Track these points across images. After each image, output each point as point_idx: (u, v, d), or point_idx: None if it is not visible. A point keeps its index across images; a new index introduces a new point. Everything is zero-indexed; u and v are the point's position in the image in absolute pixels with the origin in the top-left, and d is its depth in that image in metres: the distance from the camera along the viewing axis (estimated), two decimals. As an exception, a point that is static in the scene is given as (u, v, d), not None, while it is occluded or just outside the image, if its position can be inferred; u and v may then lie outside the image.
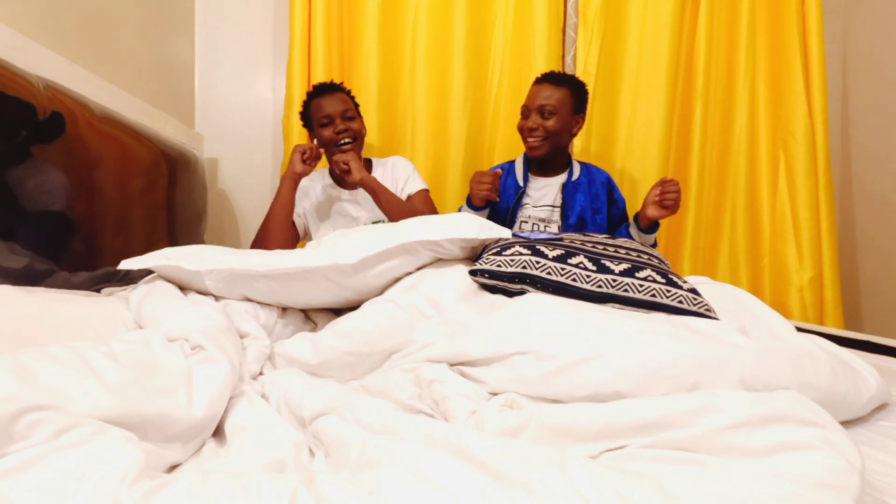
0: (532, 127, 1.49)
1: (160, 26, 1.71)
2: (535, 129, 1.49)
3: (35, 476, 0.40)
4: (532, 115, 1.50)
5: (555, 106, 1.48)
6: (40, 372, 0.49)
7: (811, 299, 1.90)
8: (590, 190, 1.59)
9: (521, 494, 0.40)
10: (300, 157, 1.38)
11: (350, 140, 1.48)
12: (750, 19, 1.95)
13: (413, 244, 0.90)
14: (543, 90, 1.49)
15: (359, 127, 1.51)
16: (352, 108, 1.52)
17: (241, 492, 0.41)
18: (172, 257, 0.91)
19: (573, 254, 0.86)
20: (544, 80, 1.52)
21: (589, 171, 1.63)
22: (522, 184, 1.59)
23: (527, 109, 1.53)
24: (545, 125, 1.49)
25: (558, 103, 1.48)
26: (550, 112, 1.48)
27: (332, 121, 1.48)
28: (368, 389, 0.74)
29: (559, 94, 1.49)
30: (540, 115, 1.49)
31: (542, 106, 1.48)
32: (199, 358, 0.67)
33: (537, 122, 1.49)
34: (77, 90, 1.12)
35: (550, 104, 1.48)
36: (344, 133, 1.47)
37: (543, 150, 1.52)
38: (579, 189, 1.57)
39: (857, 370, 0.70)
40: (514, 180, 1.61)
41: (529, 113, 1.51)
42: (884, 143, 2.03)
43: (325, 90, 1.52)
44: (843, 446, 0.44)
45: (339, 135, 1.47)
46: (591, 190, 1.59)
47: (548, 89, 1.49)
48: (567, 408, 0.57)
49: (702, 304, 0.80)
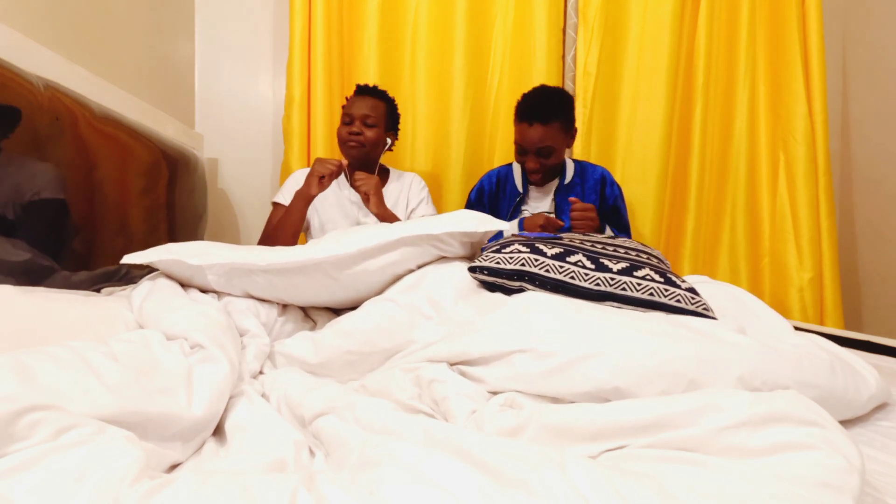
0: (533, 168, 1.51)
1: (160, 26, 1.71)
2: (537, 170, 1.51)
3: (35, 476, 0.39)
4: (530, 156, 1.50)
5: (551, 146, 1.48)
6: (40, 372, 0.49)
7: (811, 299, 1.90)
8: (583, 190, 1.59)
9: (521, 494, 0.40)
10: (318, 179, 1.33)
11: (357, 143, 1.48)
12: (750, 19, 1.95)
13: (412, 238, 0.90)
14: (535, 132, 1.46)
15: (374, 136, 1.50)
16: (376, 116, 1.50)
17: (241, 492, 0.41)
18: (175, 252, 0.92)
19: (572, 252, 0.86)
20: (533, 119, 1.47)
21: (583, 170, 1.64)
22: (521, 190, 1.59)
23: (522, 149, 1.52)
24: (546, 163, 1.50)
25: (554, 141, 1.48)
26: (548, 152, 1.49)
27: (352, 121, 1.49)
28: (368, 389, 0.75)
29: (552, 131, 1.47)
30: (537, 154, 1.50)
31: (537, 147, 1.48)
32: (198, 357, 0.67)
33: (538, 162, 1.50)
34: (77, 90, 1.12)
35: (546, 145, 1.48)
36: (355, 136, 1.48)
37: (544, 181, 1.56)
38: (572, 191, 1.58)
39: (856, 369, 0.70)
40: (512, 187, 1.61)
41: (526, 153, 1.51)
42: (884, 143, 2.03)
43: (362, 92, 1.55)
44: (843, 446, 0.44)
45: (350, 136, 1.48)
46: (584, 190, 1.59)
47: (539, 131, 1.46)
48: (567, 408, 0.57)
49: (700, 304, 0.81)
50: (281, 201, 1.53)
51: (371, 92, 1.55)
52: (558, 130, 1.49)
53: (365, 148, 1.50)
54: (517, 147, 1.55)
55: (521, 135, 1.51)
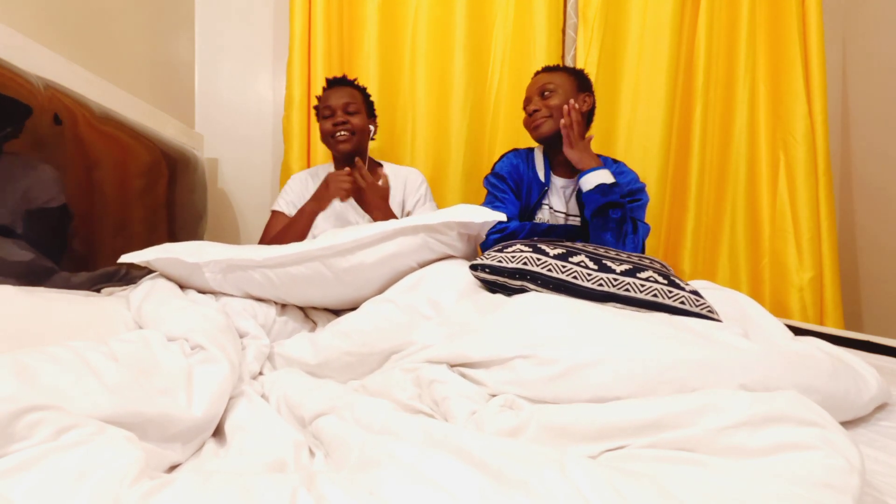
0: (534, 108, 1.43)
1: (160, 26, 1.71)
2: (538, 110, 1.42)
3: (35, 476, 0.39)
4: (533, 98, 1.44)
5: (555, 85, 1.42)
6: (40, 372, 0.49)
7: (811, 299, 1.90)
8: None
9: (521, 494, 0.40)
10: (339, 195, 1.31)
11: (347, 133, 1.44)
12: (750, 19, 1.95)
13: (410, 227, 0.90)
14: (541, 78, 1.46)
15: (360, 122, 1.47)
16: (357, 104, 1.48)
17: (241, 492, 0.41)
18: (172, 251, 0.92)
19: (574, 253, 0.86)
20: (541, 71, 1.49)
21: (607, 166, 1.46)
22: (544, 180, 1.48)
23: (528, 100, 1.47)
24: (547, 104, 1.41)
25: (557, 84, 1.42)
26: (551, 91, 1.42)
27: (333, 113, 1.45)
28: (368, 389, 0.74)
29: (557, 77, 1.43)
30: (540, 96, 1.43)
31: (541, 87, 1.43)
32: (199, 358, 0.67)
33: (538, 104, 1.42)
34: (77, 90, 1.12)
35: (550, 83, 1.42)
36: (342, 125, 1.44)
37: (547, 127, 1.41)
38: None
39: (857, 371, 0.70)
40: (534, 175, 1.49)
41: (531, 101, 1.45)
42: (884, 143, 2.03)
43: (333, 84, 1.51)
44: (843, 446, 0.43)
45: (335, 126, 1.44)
46: None
47: (545, 76, 1.45)
48: (567, 408, 0.57)
49: (704, 306, 0.80)
50: (278, 209, 1.51)
51: (343, 82, 1.52)
52: (564, 77, 1.43)
53: (355, 136, 1.45)
54: (524, 104, 1.47)
55: (528, 88, 1.48)
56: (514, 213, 1.45)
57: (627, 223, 1.32)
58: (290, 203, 1.51)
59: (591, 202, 1.33)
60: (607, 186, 1.31)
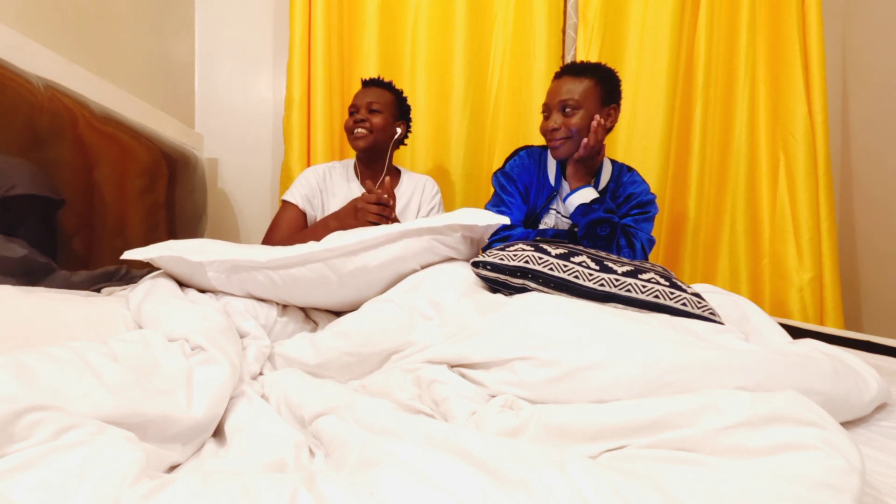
0: (553, 127, 1.32)
1: (160, 26, 1.71)
2: (557, 129, 1.31)
3: (35, 476, 0.39)
4: (553, 113, 1.33)
5: (578, 101, 1.29)
6: (40, 372, 0.49)
7: (811, 299, 1.90)
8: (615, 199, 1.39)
9: (521, 494, 0.40)
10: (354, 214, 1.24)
11: (364, 130, 1.43)
12: (750, 19, 1.95)
13: (414, 230, 0.90)
14: (563, 84, 1.32)
15: (381, 122, 1.45)
16: (381, 104, 1.47)
17: (241, 492, 0.41)
18: (175, 248, 0.92)
19: (576, 253, 0.86)
20: (563, 73, 1.34)
21: (620, 175, 1.43)
22: (555, 183, 1.40)
23: (547, 108, 1.35)
24: (568, 123, 1.30)
25: (581, 97, 1.29)
26: (574, 108, 1.30)
27: (357, 110, 1.47)
28: (368, 389, 0.74)
29: (582, 86, 1.30)
30: (562, 112, 1.31)
31: (563, 102, 1.30)
32: (199, 359, 0.67)
33: (559, 122, 1.31)
34: (77, 90, 1.12)
35: (573, 99, 1.29)
36: (360, 123, 1.44)
37: (566, 149, 1.32)
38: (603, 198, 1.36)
39: (857, 371, 0.70)
40: (545, 177, 1.41)
41: (550, 112, 1.34)
42: (884, 143, 2.03)
43: (367, 84, 1.53)
44: (843, 446, 0.43)
45: (355, 123, 1.45)
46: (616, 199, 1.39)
47: (568, 82, 1.31)
48: (567, 408, 0.57)
49: (706, 308, 0.80)
50: (291, 199, 1.48)
51: (375, 83, 1.53)
52: (590, 87, 1.30)
53: (373, 134, 1.44)
54: (543, 110, 1.36)
55: (549, 93, 1.35)
56: (519, 218, 1.41)
57: (619, 237, 1.28)
58: (304, 197, 1.48)
59: (577, 222, 1.31)
60: (587, 206, 1.28)
